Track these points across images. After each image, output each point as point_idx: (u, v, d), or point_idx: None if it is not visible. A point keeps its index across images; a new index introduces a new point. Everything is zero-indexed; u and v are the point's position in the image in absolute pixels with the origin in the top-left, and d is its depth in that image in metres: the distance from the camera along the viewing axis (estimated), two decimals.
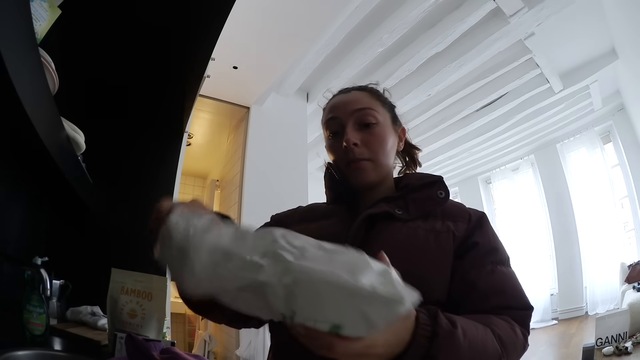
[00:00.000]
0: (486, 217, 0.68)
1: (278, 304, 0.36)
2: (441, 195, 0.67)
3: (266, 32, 2.65)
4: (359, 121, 0.69)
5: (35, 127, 0.66)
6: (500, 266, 0.61)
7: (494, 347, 0.51)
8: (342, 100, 0.73)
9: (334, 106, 0.73)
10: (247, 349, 2.73)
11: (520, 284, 0.61)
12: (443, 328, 0.45)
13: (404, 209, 0.66)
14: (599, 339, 1.95)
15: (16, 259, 1.01)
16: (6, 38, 0.48)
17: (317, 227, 0.69)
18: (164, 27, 1.25)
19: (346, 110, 0.70)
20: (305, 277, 0.35)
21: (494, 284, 0.59)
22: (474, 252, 0.61)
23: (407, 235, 0.62)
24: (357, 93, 0.73)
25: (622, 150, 4.53)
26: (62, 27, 0.90)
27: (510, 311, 0.57)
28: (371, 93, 0.74)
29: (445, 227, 0.63)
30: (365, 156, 0.68)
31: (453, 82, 3.65)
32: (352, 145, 0.67)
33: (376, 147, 0.69)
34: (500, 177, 6.10)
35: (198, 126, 4.01)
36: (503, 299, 0.58)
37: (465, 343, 0.47)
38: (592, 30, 3.29)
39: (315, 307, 0.35)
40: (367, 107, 0.70)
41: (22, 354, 0.74)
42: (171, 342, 0.91)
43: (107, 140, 1.61)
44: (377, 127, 0.69)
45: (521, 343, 0.55)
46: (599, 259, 4.54)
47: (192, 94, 1.62)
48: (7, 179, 0.98)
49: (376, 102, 0.72)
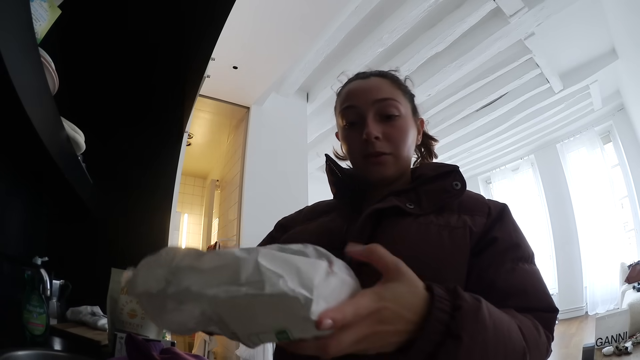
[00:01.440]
0: (508, 210, 0.62)
1: (222, 330, 0.34)
2: (457, 187, 0.61)
3: (266, 32, 2.65)
4: (380, 112, 0.64)
5: (35, 127, 0.66)
6: (522, 263, 0.55)
7: (519, 338, 0.44)
8: (361, 87, 0.66)
9: (352, 93, 0.67)
10: (247, 349, 2.73)
11: (544, 283, 0.55)
12: (467, 301, 0.39)
13: (415, 203, 0.60)
14: (599, 339, 1.95)
15: (16, 259, 1.01)
16: (6, 38, 0.48)
17: (317, 225, 0.67)
18: (164, 27, 1.25)
19: (366, 100, 0.64)
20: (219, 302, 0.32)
21: (514, 282, 0.53)
22: (492, 248, 0.56)
23: (418, 232, 0.57)
24: (377, 80, 0.67)
25: (622, 150, 4.53)
26: (62, 27, 0.90)
27: (533, 313, 0.51)
28: (392, 81, 0.68)
29: (462, 222, 0.58)
30: (386, 150, 0.63)
31: (453, 82, 3.65)
32: (374, 139, 0.62)
33: (398, 141, 0.63)
34: (500, 177, 6.10)
35: (198, 126, 4.01)
36: (524, 299, 0.52)
37: (491, 324, 0.40)
38: (592, 30, 3.29)
39: (249, 323, 0.33)
40: (389, 98, 0.64)
41: (22, 354, 0.73)
42: (171, 342, 0.91)
43: (107, 140, 1.61)
44: (399, 120, 0.64)
45: (544, 345, 0.49)
46: (599, 259, 4.55)
47: (192, 94, 1.63)
48: (7, 179, 0.98)
49: (398, 92, 0.66)
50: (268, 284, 0.31)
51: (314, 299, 0.30)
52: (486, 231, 0.58)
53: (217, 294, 0.32)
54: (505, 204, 0.63)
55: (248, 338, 0.34)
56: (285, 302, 0.31)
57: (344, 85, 0.71)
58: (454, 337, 0.37)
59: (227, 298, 0.31)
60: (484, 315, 0.40)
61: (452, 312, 0.38)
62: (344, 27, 2.73)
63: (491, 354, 0.40)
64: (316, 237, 0.61)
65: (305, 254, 0.34)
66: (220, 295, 0.32)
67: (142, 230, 1.67)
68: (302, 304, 0.30)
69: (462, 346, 0.37)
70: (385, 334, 0.36)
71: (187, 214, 5.07)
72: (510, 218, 0.61)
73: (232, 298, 0.31)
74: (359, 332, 0.34)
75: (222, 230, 3.85)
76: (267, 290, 0.31)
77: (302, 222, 0.71)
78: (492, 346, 0.40)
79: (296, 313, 0.31)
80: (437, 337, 0.37)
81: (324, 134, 4.24)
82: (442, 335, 0.37)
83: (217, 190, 4.25)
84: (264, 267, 0.31)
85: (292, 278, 0.31)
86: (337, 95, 0.72)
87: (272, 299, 0.31)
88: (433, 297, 0.38)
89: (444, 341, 0.37)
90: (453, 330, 0.37)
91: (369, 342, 0.35)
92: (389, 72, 0.70)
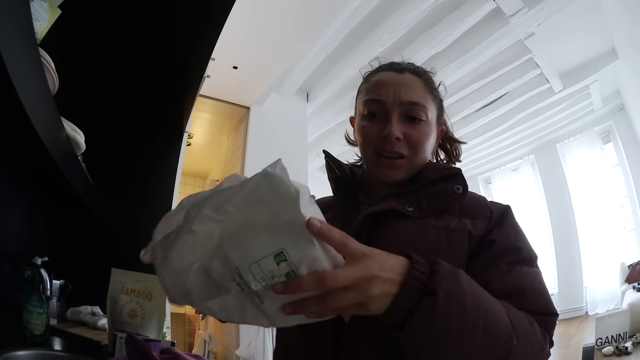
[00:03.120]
0: (510, 212, 0.60)
1: (223, 273, 0.36)
2: (458, 191, 0.59)
3: (266, 32, 2.65)
4: (406, 113, 0.62)
5: (35, 127, 0.66)
6: (520, 266, 0.54)
7: (504, 318, 0.44)
8: (394, 81, 0.63)
9: (382, 85, 0.63)
10: (247, 349, 2.73)
11: (544, 287, 0.53)
12: (444, 265, 0.42)
13: (415, 205, 0.59)
14: (599, 339, 1.95)
15: (16, 259, 1.01)
16: (6, 38, 0.48)
17: None
18: (164, 27, 1.25)
19: (395, 97, 0.61)
20: (227, 229, 0.35)
21: (510, 284, 0.51)
22: (489, 250, 0.55)
23: (416, 236, 0.56)
24: (411, 78, 0.64)
25: (622, 150, 4.53)
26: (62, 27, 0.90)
27: (530, 315, 0.49)
28: (426, 84, 0.65)
29: (461, 225, 0.57)
30: (403, 152, 0.61)
31: (453, 82, 3.65)
32: (395, 140, 0.60)
33: (418, 146, 0.61)
34: (500, 177, 6.10)
35: (198, 126, 4.01)
36: (521, 300, 0.50)
37: (470, 290, 0.42)
38: (592, 30, 3.29)
39: (250, 249, 0.35)
40: (419, 103, 0.62)
41: (22, 354, 0.74)
42: (171, 342, 0.91)
43: (108, 140, 1.61)
44: (424, 125, 0.62)
45: (538, 341, 0.47)
46: (599, 259, 4.54)
47: (192, 94, 1.62)
48: (8, 179, 0.98)
49: (428, 97, 0.64)
50: (267, 179, 0.35)
51: (301, 195, 0.34)
52: (485, 234, 0.57)
53: (223, 206, 0.35)
54: (508, 206, 0.61)
55: (249, 271, 0.35)
56: (281, 194, 0.34)
57: (374, 71, 0.68)
58: (429, 293, 0.39)
59: (233, 210, 0.35)
60: (461, 279, 0.42)
61: (430, 274, 0.41)
62: (344, 27, 2.73)
63: (469, 320, 0.41)
64: None
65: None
66: (227, 208, 0.35)
67: (142, 230, 1.67)
68: (293, 196, 0.34)
69: (438, 302, 0.39)
70: (381, 281, 0.38)
71: None
72: (511, 220, 0.59)
73: (236, 208, 0.35)
74: (356, 271, 0.36)
75: None
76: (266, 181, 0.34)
77: None
78: (470, 312, 0.41)
79: (291, 211, 0.33)
80: (414, 293, 0.39)
81: (324, 134, 4.24)
82: (419, 293, 0.39)
83: None
84: (266, 171, 0.35)
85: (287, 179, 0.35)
86: (363, 79, 0.69)
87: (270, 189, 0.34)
88: (412, 260, 0.41)
89: (421, 298, 0.39)
90: (429, 287, 0.40)
91: (366, 288, 0.37)
92: (424, 70, 0.68)
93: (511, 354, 0.43)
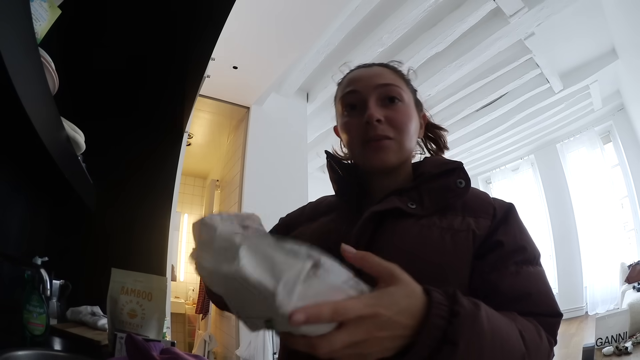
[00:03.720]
0: (514, 210, 0.60)
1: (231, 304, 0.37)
2: (461, 185, 0.58)
3: (266, 32, 2.65)
4: (382, 96, 0.62)
5: (35, 127, 0.66)
6: (526, 266, 0.54)
7: (518, 343, 0.43)
8: (364, 73, 0.65)
9: (354, 79, 0.65)
10: (247, 349, 2.73)
11: (549, 286, 0.54)
12: (464, 307, 0.39)
13: (417, 202, 0.58)
14: (599, 339, 1.95)
15: (16, 259, 1.01)
16: (6, 38, 0.48)
17: (318, 225, 0.65)
18: (164, 27, 1.25)
19: (369, 84, 0.62)
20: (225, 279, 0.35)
21: (518, 287, 0.51)
22: (496, 252, 0.54)
23: (420, 236, 0.55)
24: (379, 68, 0.66)
25: (622, 150, 4.53)
26: (62, 27, 0.90)
27: (537, 317, 0.50)
28: (395, 71, 0.66)
29: (465, 224, 0.56)
30: (389, 134, 0.60)
31: (453, 82, 3.65)
32: (375, 121, 0.59)
33: (401, 126, 0.60)
34: (500, 177, 6.10)
35: (198, 126, 4.01)
36: (528, 304, 0.50)
37: (489, 329, 0.40)
38: (592, 30, 3.29)
39: (246, 306, 0.35)
40: (392, 83, 0.62)
41: (22, 354, 0.74)
42: (171, 342, 0.91)
43: (107, 140, 1.61)
44: (402, 105, 0.62)
45: (546, 350, 0.48)
46: (599, 259, 4.55)
47: (192, 94, 1.63)
48: (8, 179, 0.98)
49: (401, 80, 0.65)
50: (243, 270, 0.33)
51: (279, 292, 0.31)
52: (490, 234, 0.56)
53: (218, 269, 0.35)
54: (511, 204, 0.60)
55: (247, 320, 0.36)
56: (260, 292, 0.32)
57: (345, 75, 0.69)
58: (450, 343, 0.37)
59: (224, 276, 0.34)
60: (482, 322, 0.40)
61: (450, 319, 0.38)
62: (344, 27, 2.73)
63: (487, 359, 0.40)
64: (316, 239, 0.60)
65: (295, 253, 0.35)
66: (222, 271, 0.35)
67: (142, 230, 1.67)
68: (270, 294, 0.31)
69: (458, 352, 0.37)
70: (382, 340, 0.36)
71: (187, 214, 5.07)
72: (516, 219, 0.59)
73: (225, 277, 0.34)
74: (353, 335, 0.34)
75: None
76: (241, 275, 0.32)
77: (305, 221, 0.70)
78: (488, 352, 0.40)
79: (270, 304, 0.31)
80: (433, 343, 0.37)
81: (324, 134, 4.24)
82: (438, 342, 0.37)
83: (217, 190, 4.25)
84: (245, 256, 0.33)
85: (265, 270, 0.33)
86: (338, 85, 0.70)
87: (247, 285, 0.32)
88: (431, 303, 0.38)
89: (441, 347, 0.37)
90: (450, 336, 0.37)
91: (366, 347, 0.35)
92: (390, 63, 0.69)
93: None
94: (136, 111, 1.73)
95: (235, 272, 0.33)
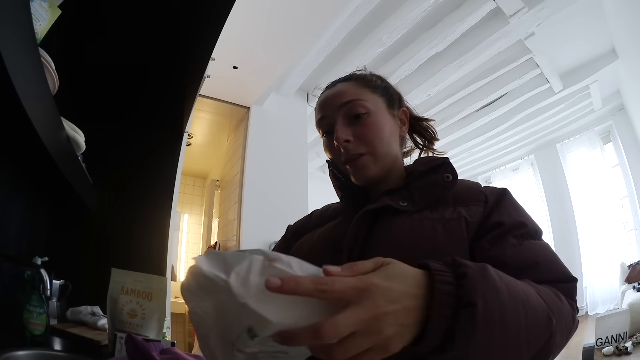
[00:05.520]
0: (508, 193, 0.60)
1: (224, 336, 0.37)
2: (448, 179, 0.60)
3: (266, 32, 2.65)
4: (347, 115, 0.64)
5: (35, 127, 0.66)
6: (528, 240, 0.53)
7: (539, 301, 0.40)
8: (329, 95, 0.67)
9: (322, 104, 0.68)
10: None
11: (556, 255, 0.53)
12: (470, 267, 0.36)
13: (408, 200, 0.60)
14: (599, 339, 1.95)
15: (16, 259, 1.01)
16: (6, 38, 0.48)
17: (324, 230, 0.67)
18: (164, 27, 1.25)
19: (333, 106, 0.65)
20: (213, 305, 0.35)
21: (523, 257, 0.50)
22: (495, 231, 0.54)
23: (411, 229, 0.56)
24: (341, 85, 0.68)
25: (622, 150, 4.53)
26: (62, 27, 0.90)
27: (550, 284, 0.47)
28: (357, 81, 0.68)
29: (456, 213, 0.56)
30: (361, 151, 0.62)
31: (453, 82, 3.65)
32: (344, 142, 0.62)
33: (371, 139, 0.62)
34: (500, 177, 6.10)
35: (198, 126, 4.01)
36: (537, 272, 0.48)
37: (504, 285, 0.37)
38: (592, 30, 3.29)
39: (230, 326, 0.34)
40: (353, 99, 0.64)
41: (22, 354, 0.73)
42: (171, 342, 0.91)
43: (107, 141, 1.61)
44: (368, 117, 0.63)
45: (569, 313, 0.45)
46: (599, 259, 4.55)
47: (192, 94, 1.63)
48: (7, 179, 0.98)
49: (363, 90, 0.66)
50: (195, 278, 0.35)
51: (231, 281, 0.32)
52: (485, 219, 0.56)
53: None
54: (504, 189, 0.61)
55: (238, 343, 0.34)
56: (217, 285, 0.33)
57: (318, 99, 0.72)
58: (466, 305, 0.34)
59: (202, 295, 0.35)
60: (494, 277, 0.37)
61: (458, 282, 0.35)
62: (344, 27, 2.73)
63: (511, 319, 0.36)
64: (322, 243, 0.64)
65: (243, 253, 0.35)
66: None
67: (142, 230, 1.67)
68: (224, 283, 0.32)
69: (478, 313, 0.33)
70: (395, 315, 0.32)
71: (187, 214, 5.07)
72: (509, 200, 0.59)
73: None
74: (358, 313, 0.30)
75: (222, 230, 3.85)
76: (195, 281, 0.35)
77: (312, 228, 0.72)
78: (510, 309, 0.36)
79: (233, 301, 0.32)
80: (448, 310, 0.34)
81: None
82: (453, 309, 0.34)
83: (217, 190, 4.24)
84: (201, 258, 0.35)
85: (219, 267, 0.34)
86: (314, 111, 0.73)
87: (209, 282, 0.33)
88: (430, 271, 0.36)
89: (458, 315, 0.34)
90: (464, 299, 0.34)
91: (379, 326, 0.31)
92: (354, 73, 0.71)
93: (552, 335, 0.41)
94: (136, 111, 1.73)
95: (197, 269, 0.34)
